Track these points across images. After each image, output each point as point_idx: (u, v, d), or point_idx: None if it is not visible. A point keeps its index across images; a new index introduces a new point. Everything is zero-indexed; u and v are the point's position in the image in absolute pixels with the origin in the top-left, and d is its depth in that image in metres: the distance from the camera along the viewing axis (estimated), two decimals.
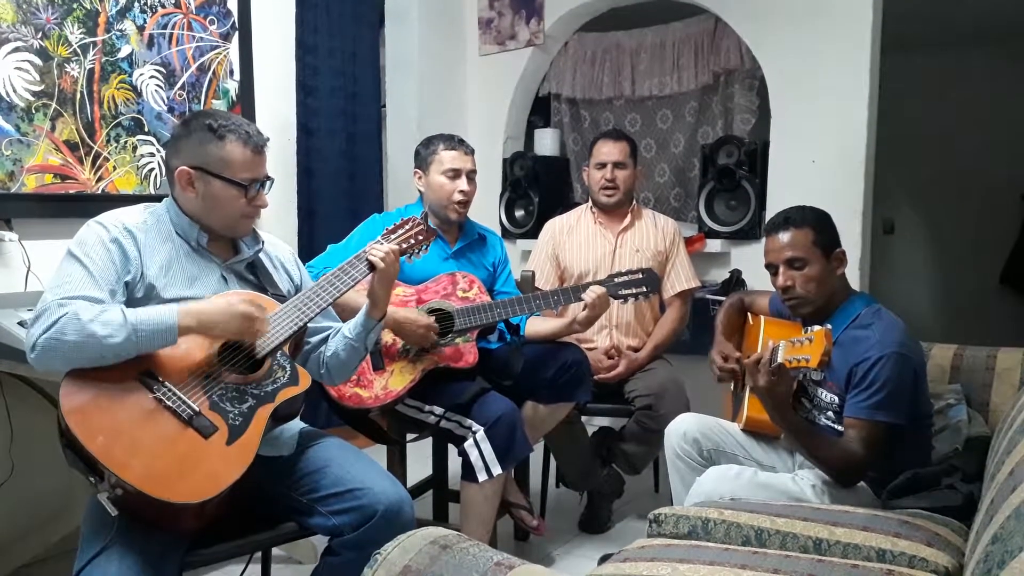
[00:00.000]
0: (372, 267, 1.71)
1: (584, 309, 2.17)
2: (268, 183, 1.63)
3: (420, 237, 1.84)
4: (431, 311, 2.17)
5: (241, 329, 1.48)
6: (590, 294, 2.15)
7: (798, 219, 1.89)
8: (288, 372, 1.55)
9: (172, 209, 1.60)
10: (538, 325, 2.34)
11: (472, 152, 2.35)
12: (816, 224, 1.88)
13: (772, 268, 1.93)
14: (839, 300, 1.90)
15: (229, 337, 1.50)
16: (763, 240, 1.98)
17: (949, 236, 5.16)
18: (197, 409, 1.42)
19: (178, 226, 1.59)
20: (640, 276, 2.20)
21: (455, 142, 2.32)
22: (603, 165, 2.68)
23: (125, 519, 1.36)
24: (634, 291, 2.19)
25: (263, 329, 1.51)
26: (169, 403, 1.40)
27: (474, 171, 2.34)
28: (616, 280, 2.21)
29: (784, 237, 1.89)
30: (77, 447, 1.33)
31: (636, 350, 2.67)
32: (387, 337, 2.13)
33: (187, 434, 1.39)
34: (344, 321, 1.79)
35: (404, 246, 1.81)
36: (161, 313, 1.42)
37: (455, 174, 2.28)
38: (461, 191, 2.28)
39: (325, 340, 1.76)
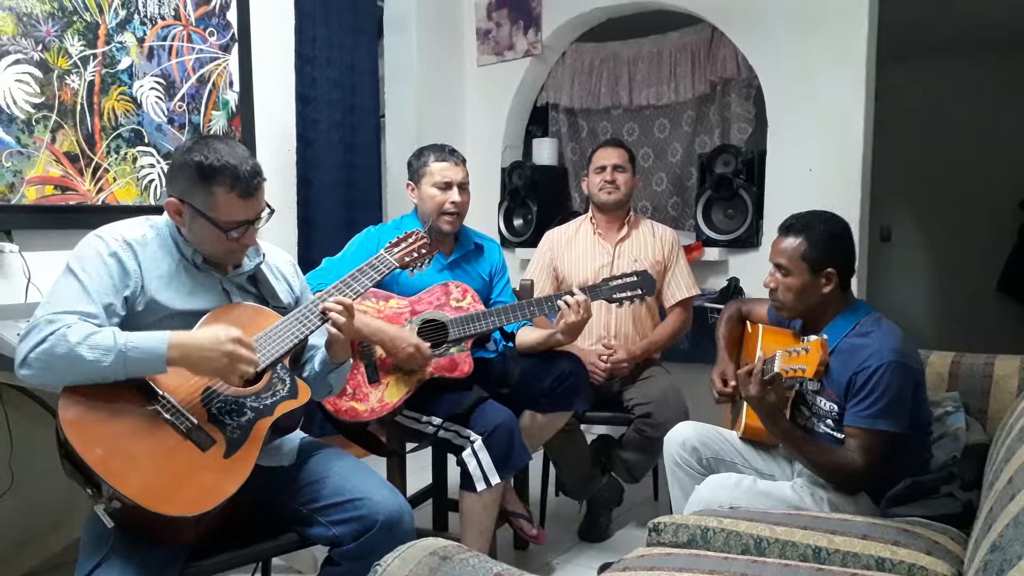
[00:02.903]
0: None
1: (560, 320, 2.15)
2: (265, 215, 1.59)
3: (423, 251, 1.84)
4: (425, 322, 2.17)
5: (224, 368, 1.43)
6: (567, 300, 2.12)
7: (800, 227, 1.89)
8: (287, 385, 1.55)
9: (171, 224, 1.60)
10: (525, 335, 2.32)
11: (464, 162, 2.35)
12: (812, 237, 1.86)
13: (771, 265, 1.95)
14: (834, 310, 1.89)
15: (210, 376, 1.46)
16: (760, 248, 1.99)
17: (947, 244, 5.17)
18: (195, 422, 1.42)
19: (177, 241, 1.59)
20: (635, 279, 2.19)
21: (446, 153, 2.31)
22: (603, 168, 2.68)
23: (123, 530, 1.36)
24: (629, 294, 2.17)
25: (247, 371, 1.46)
26: (168, 416, 1.41)
27: (466, 182, 2.33)
28: (611, 283, 2.20)
29: (781, 241, 1.91)
30: (75, 458, 1.33)
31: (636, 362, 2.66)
32: (381, 350, 2.13)
33: (185, 447, 1.40)
34: None
35: (407, 260, 1.82)
36: (153, 341, 1.40)
37: (446, 186, 2.28)
38: (452, 202, 2.28)
39: (306, 361, 1.75)
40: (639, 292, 2.18)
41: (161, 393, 1.43)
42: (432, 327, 2.16)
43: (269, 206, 1.60)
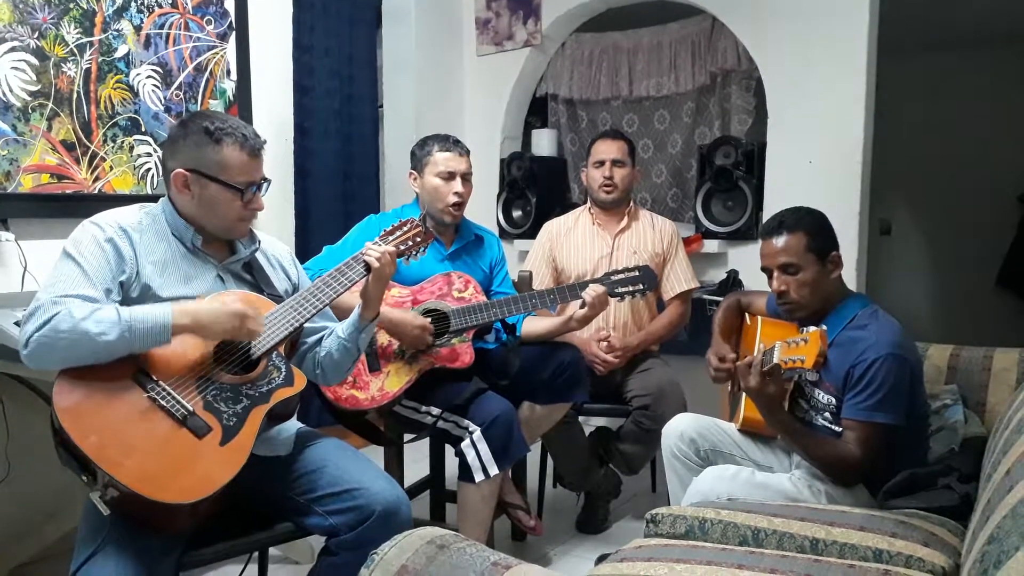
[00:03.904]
0: (368, 268, 1.70)
1: (582, 307, 2.16)
2: (265, 185, 1.62)
3: (418, 239, 1.83)
4: (427, 312, 2.16)
5: (235, 328, 1.46)
6: (589, 293, 2.14)
7: (792, 223, 1.87)
8: (283, 373, 1.55)
9: (168, 209, 1.60)
10: (534, 324, 2.33)
11: (467, 153, 2.34)
12: (810, 228, 1.87)
13: (767, 271, 1.93)
14: (835, 301, 1.90)
15: (223, 337, 1.48)
16: (760, 241, 1.97)
17: (946, 237, 5.17)
18: (191, 409, 1.41)
19: (173, 227, 1.59)
20: (637, 274, 2.20)
21: (450, 143, 2.31)
22: (601, 163, 2.67)
23: (119, 519, 1.36)
24: (631, 288, 2.19)
25: (257, 329, 1.50)
26: (163, 403, 1.40)
27: (469, 172, 2.33)
28: (613, 278, 2.20)
29: (778, 242, 1.87)
30: (70, 446, 1.32)
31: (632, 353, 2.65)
32: (383, 338, 2.13)
33: (181, 434, 1.39)
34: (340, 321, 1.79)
35: (402, 248, 1.81)
36: (156, 311, 1.41)
37: (450, 176, 2.27)
38: (456, 193, 2.27)
39: (320, 340, 1.76)
40: (641, 287, 2.19)
41: (156, 380, 1.42)
42: (434, 317, 2.15)
43: (265, 178, 1.63)
